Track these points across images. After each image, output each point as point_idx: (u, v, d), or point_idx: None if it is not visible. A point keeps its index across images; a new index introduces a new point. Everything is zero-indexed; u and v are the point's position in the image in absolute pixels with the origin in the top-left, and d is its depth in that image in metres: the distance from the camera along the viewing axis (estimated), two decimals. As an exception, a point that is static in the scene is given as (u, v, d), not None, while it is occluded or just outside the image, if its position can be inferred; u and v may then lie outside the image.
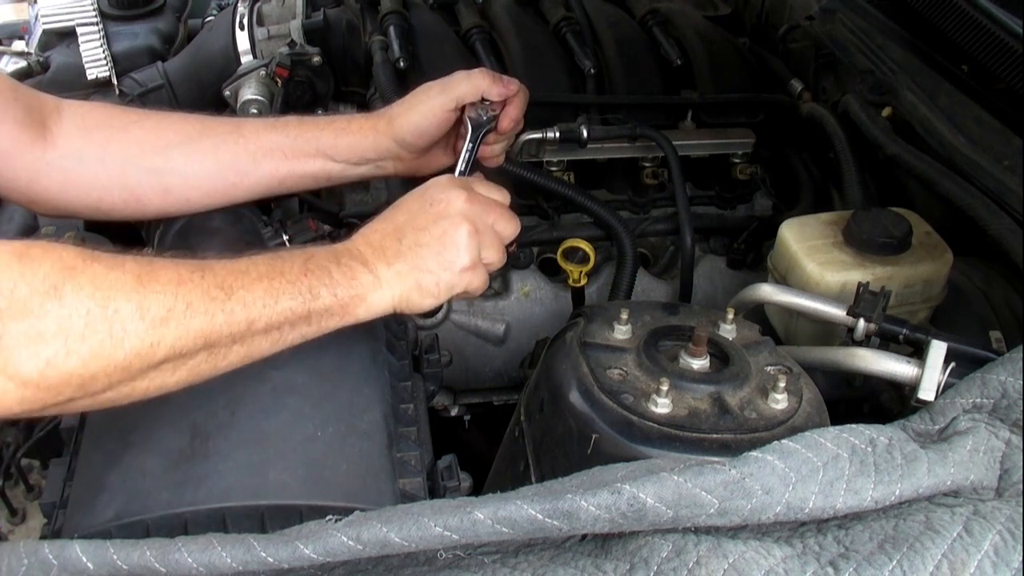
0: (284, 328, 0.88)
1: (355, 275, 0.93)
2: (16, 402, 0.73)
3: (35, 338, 0.71)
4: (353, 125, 1.19)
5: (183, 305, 0.80)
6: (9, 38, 1.96)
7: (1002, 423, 0.79)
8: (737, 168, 1.50)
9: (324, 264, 0.92)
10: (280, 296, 0.86)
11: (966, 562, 0.68)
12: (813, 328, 1.13)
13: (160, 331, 0.78)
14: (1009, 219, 1.11)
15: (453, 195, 0.98)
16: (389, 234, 0.97)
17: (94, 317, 0.74)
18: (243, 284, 0.85)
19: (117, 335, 0.75)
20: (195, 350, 0.81)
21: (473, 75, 1.17)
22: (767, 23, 1.81)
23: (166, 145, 1.14)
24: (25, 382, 0.72)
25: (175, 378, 0.82)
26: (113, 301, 0.75)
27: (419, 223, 0.97)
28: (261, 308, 0.85)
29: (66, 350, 0.73)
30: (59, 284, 0.73)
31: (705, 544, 0.70)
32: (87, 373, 0.74)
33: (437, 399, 1.42)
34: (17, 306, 0.70)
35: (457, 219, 0.97)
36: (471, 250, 0.97)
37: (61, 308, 0.72)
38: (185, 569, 0.70)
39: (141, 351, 0.77)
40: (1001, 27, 1.24)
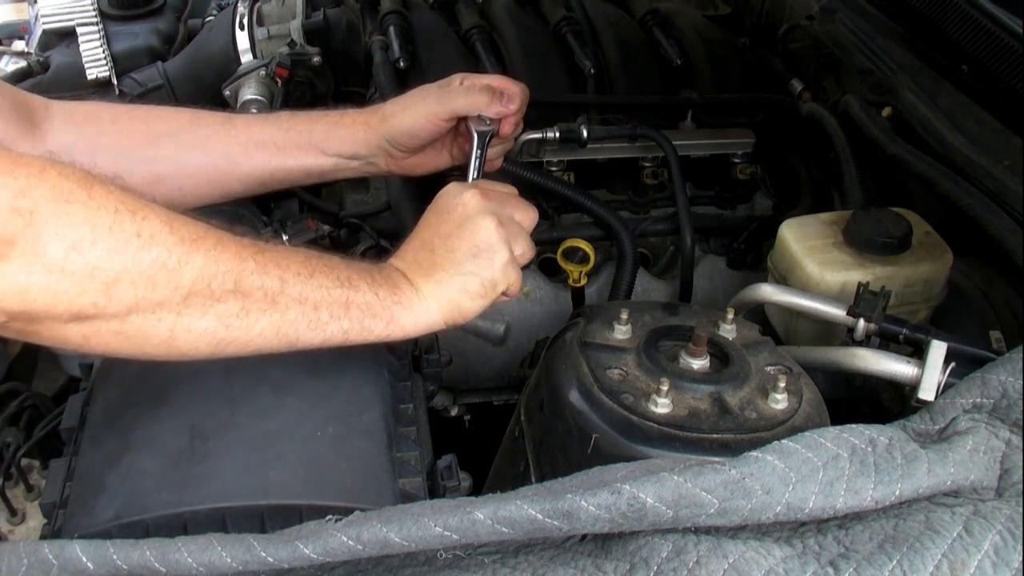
0: (321, 310, 0.86)
1: (396, 283, 0.92)
2: (42, 290, 0.71)
3: (63, 219, 0.70)
4: (346, 119, 1.19)
5: (214, 238, 0.78)
6: (9, 38, 1.96)
7: (1002, 423, 0.79)
8: (737, 168, 1.50)
9: (365, 266, 0.91)
10: (315, 272, 0.85)
11: (966, 562, 0.68)
12: (813, 328, 1.13)
13: (188, 251, 0.76)
14: (1009, 219, 1.11)
15: (467, 196, 0.97)
16: (419, 249, 0.96)
17: (122, 216, 0.73)
18: (277, 250, 0.84)
19: (144, 236, 0.74)
20: (225, 291, 0.79)
21: (472, 90, 1.16)
22: (767, 23, 1.81)
23: (157, 135, 1.13)
24: (51, 267, 0.71)
25: (204, 323, 0.79)
26: (142, 210, 0.75)
27: (444, 231, 0.96)
28: (295, 275, 0.84)
29: (92, 237, 0.72)
30: (88, 181, 0.73)
31: (705, 544, 0.70)
32: (111, 270, 0.73)
33: (437, 399, 1.42)
34: (47, 185, 0.70)
35: (480, 217, 0.96)
36: (503, 243, 0.96)
37: (90, 199, 0.72)
38: (185, 569, 0.70)
39: (168, 264, 0.75)
40: (1001, 27, 1.24)
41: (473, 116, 1.16)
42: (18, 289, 0.71)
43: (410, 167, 1.23)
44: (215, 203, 1.20)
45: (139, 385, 0.96)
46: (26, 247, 0.70)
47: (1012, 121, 1.22)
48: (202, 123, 1.16)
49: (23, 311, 0.72)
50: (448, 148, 1.24)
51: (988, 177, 1.16)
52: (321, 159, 1.19)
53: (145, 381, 0.96)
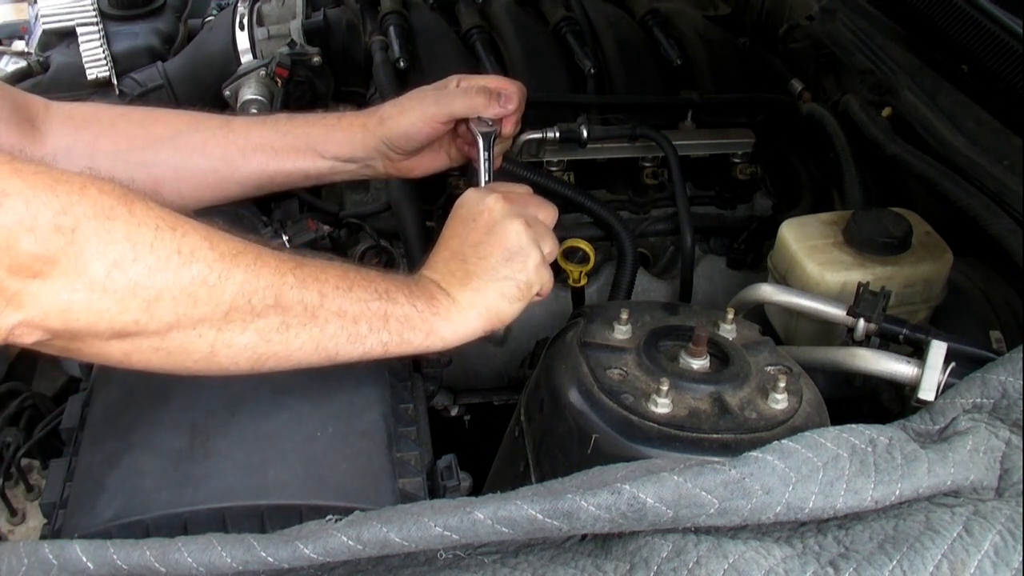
0: (361, 323, 0.86)
1: (433, 294, 0.92)
2: (84, 308, 0.71)
3: (105, 236, 0.70)
4: (343, 122, 1.19)
5: (253, 253, 0.79)
6: (9, 38, 1.96)
7: (1002, 423, 0.79)
8: (737, 168, 1.49)
9: (401, 278, 0.91)
10: (354, 285, 0.85)
11: (966, 562, 0.68)
12: (813, 328, 1.13)
13: (229, 267, 0.77)
14: (1009, 219, 1.11)
15: (490, 202, 0.97)
16: (450, 260, 0.96)
17: (163, 232, 0.73)
18: (315, 263, 0.84)
19: (184, 254, 0.74)
20: (265, 306, 0.79)
21: (469, 92, 1.16)
22: (767, 23, 1.81)
23: (155, 139, 1.14)
24: (93, 284, 0.71)
25: (245, 338, 0.79)
26: (182, 226, 0.75)
27: (473, 239, 0.96)
28: (333, 288, 0.84)
29: (134, 255, 0.72)
30: (128, 198, 0.73)
31: (705, 544, 0.70)
32: (152, 287, 0.73)
33: (437, 399, 1.42)
34: (88, 201, 0.70)
35: (507, 221, 0.96)
36: (533, 244, 0.96)
37: (131, 216, 0.72)
38: (185, 569, 0.70)
39: (208, 280, 0.75)
40: (1001, 27, 1.24)
41: (473, 118, 1.16)
42: (61, 308, 0.71)
43: (407, 169, 1.23)
44: (214, 205, 1.20)
45: (139, 385, 0.96)
46: (68, 265, 0.70)
47: (1012, 121, 1.22)
48: (200, 126, 1.16)
49: (65, 329, 0.72)
50: (446, 149, 1.23)
51: (988, 177, 1.16)
52: (318, 162, 1.19)
53: (145, 381, 0.96)
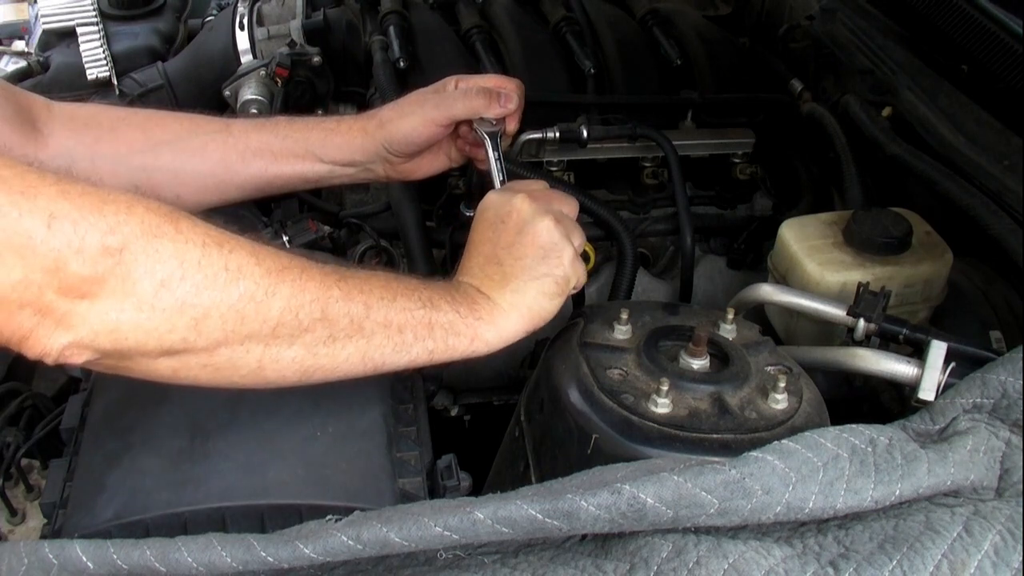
0: (406, 332, 0.86)
1: (475, 299, 0.92)
2: (133, 327, 0.72)
3: (152, 255, 0.71)
4: (342, 126, 1.19)
5: (298, 267, 0.79)
6: (9, 38, 1.96)
7: (1002, 423, 0.79)
8: (737, 168, 1.49)
9: (443, 285, 0.92)
10: (397, 295, 0.86)
11: (966, 562, 0.68)
12: (813, 328, 1.13)
13: (275, 282, 0.77)
14: (1009, 219, 1.11)
15: (517, 202, 0.97)
16: (485, 264, 0.96)
17: (210, 249, 0.74)
18: (357, 274, 0.84)
19: (232, 270, 0.74)
20: (312, 320, 0.79)
21: (469, 94, 1.16)
22: (767, 23, 1.81)
23: (155, 143, 1.14)
24: (142, 302, 0.71)
25: (292, 352, 0.80)
26: (228, 243, 0.75)
27: (506, 240, 0.96)
28: (378, 299, 0.84)
29: (181, 273, 0.72)
30: (174, 216, 0.73)
31: (705, 544, 0.70)
32: (200, 305, 0.73)
33: (437, 399, 1.42)
34: (135, 221, 0.70)
35: (537, 220, 0.96)
36: (565, 239, 0.96)
37: (177, 233, 0.72)
38: (185, 569, 0.70)
39: (255, 296, 0.76)
40: (1001, 27, 1.24)
41: (476, 119, 1.15)
42: (110, 328, 0.71)
43: (407, 172, 1.23)
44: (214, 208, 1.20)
45: (139, 385, 0.95)
46: (116, 285, 0.70)
47: (1012, 121, 1.22)
48: (200, 131, 1.16)
49: (115, 349, 0.73)
50: (446, 151, 1.23)
51: (988, 177, 1.16)
52: (318, 166, 1.19)
53: (145, 381, 0.96)
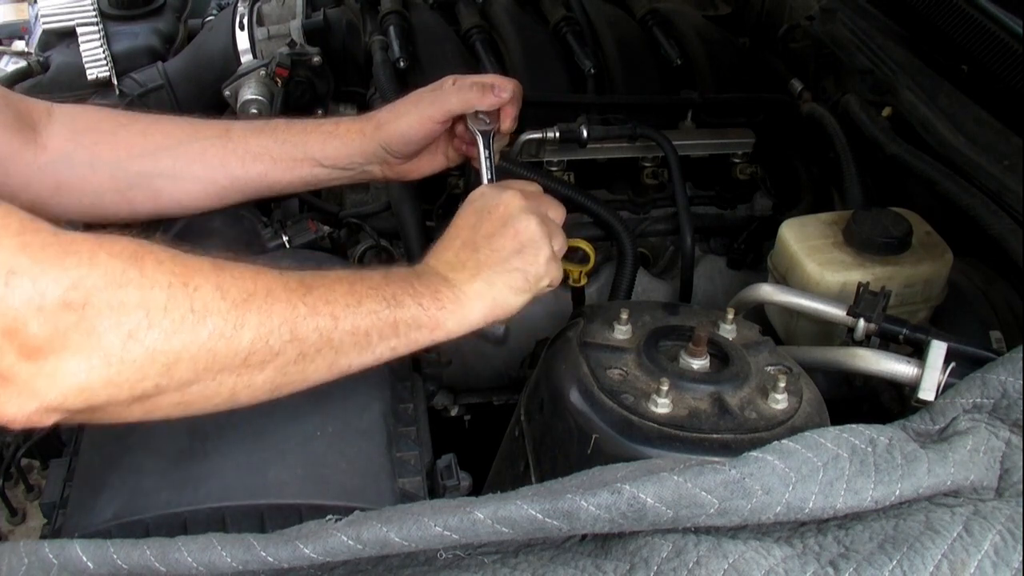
0: (372, 335, 0.86)
1: (438, 289, 0.92)
2: (103, 382, 0.70)
3: (117, 307, 0.69)
4: (341, 129, 1.19)
5: (263, 291, 0.78)
6: (9, 38, 1.96)
7: (1002, 423, 0.79)
8: (737, 168, 1.49)
9: (405, 276, 0.91)
10: (363, 299, 0.85)
11: (966, 562, 0.68)
12: (813, 328, 1.13)
13: (242, 312, 0.76)
14: (1009, 219, 1.11)
15: (507, 197, 0.98)
16: (460, 249, 0.96)
17: (175, 290, 0.72)
18: (322, 283, 0.83)
19: (198, 311, 0.73)
20: (282, 343, 0.79)
21: (463, 88, 1.16)
22: (767, 23, 1.81)
23: (155, 148, 1.14)
24: (110, 357, 0.69)
25: (263, 376, 0.79)
26: (193, 279, 0.73)
27: (487, 230, 0.97)
28: (344, 307, 0.84)
29: (148, 322, 0.70)
30: (139, 256, 0.71)
31: (705, 544, 0.70)
32: (170, 351, 0.72)
33: (437, 399, 1.42)
34: (97, 273, 0.68)
35: (523, 216, 0.97)
36: (546, 239, 0.97)
37: (142, 277, 0.71)
38: (185, 569, 0.70)
39: (225, 332, 0.74)
40: (1001, 27, 1.24)
41: (471, 115, 1.15)
42: (79, 388, 0.70)
43: (406, 172, 1.23)
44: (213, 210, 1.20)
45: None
46: (82, 342, 0.68)
47: (1012, 121, 1.22)
48: (200, 135, 1.16)
49: (86, 406, 0.71)
50: (443, 151, 1.24)
51: (988, 177, 1.16)
52: (317, 169, 1.20)
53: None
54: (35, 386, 0.68)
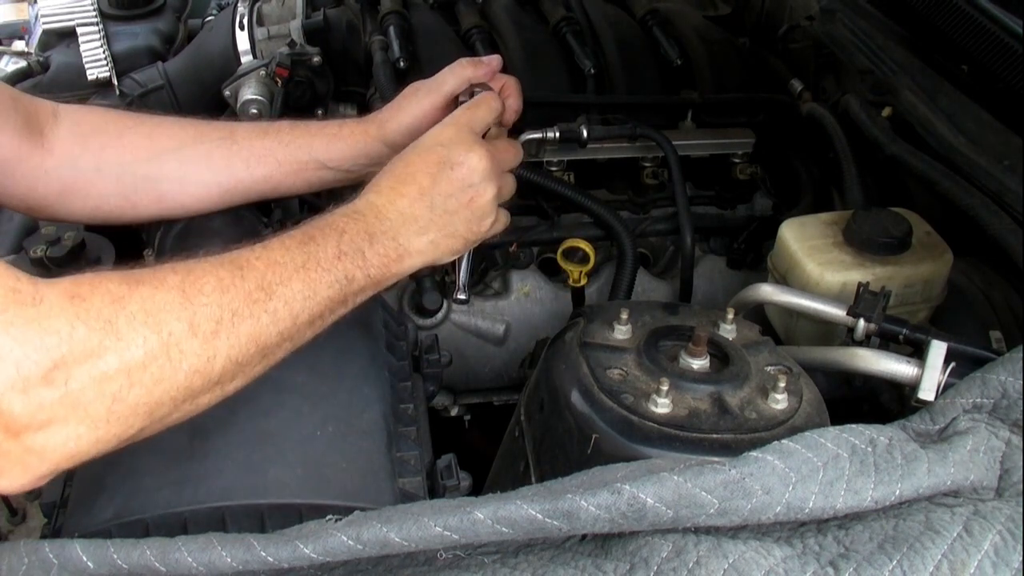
0: (325, 315, 0.89)
1: (387, 253, 0.94)
2: (91, 444, 0.71)
3: (99, 378, 0.70)
4: (344, 131, 1.19)
5: (229, 314, 0.79)
6: (9, 38, 1.96)
7: (1002, 423, 0.79)
8: (737, 168, 1.49)
9: (358, 245, 0.92)
10: (318, 287, 0.87)
11: (966, 562, 0.68)
12: (813, 328, 1.13)
13: (213, 344, 0.77)
14: (1009, 219, 1.11)
15: (474, 159, 1.00)
16: (417, 200, 0.98)
17: (151, 344, 0.73)
18: (281, 279, 0.84)
19: (175, 357, 0.74)
20: (249, 355, 0.81)
21: (455, 68, 1.17)
22: (767, 23, 1.81)
23: (160, 151, 1.14)
24: (96, 422, 0.71)
25: (233, 385, 0.82)
26: (166, 324, 0.74)
27: (445, 188, 0.99)
28: (302, 303, 0.85)
29: (130, 382, 0.72)
30: (112, 318, 0.72)
31: (705, 544, 0.70)
32: (152, 400, 0.74)
33: (437, 399, 1.42)
34: (78, 348, 0.69)
35: (483, 185, 1.00)
36: (495, 207, 1.02)
37: (119, 341, 0.71)
38: (185, 568, 0.70)
39: (200, 368, 0.76)
40: (1001, 27, 1.24)
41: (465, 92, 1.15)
42: (69, 456, 0.71)
43: None
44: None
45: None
46: (67, 414, 0.69)
47: (1012, 121, 1.22)
48: (204, 137, 1.16)
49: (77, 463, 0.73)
50: None
51: (988, 177, 1.16)
52: (321, 172, 1.20)
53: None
54: (26, 462, 0.69)
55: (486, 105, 1.10)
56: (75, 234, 1.26)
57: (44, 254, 1.23)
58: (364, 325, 1.09)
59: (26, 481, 0.71)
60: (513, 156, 1.11)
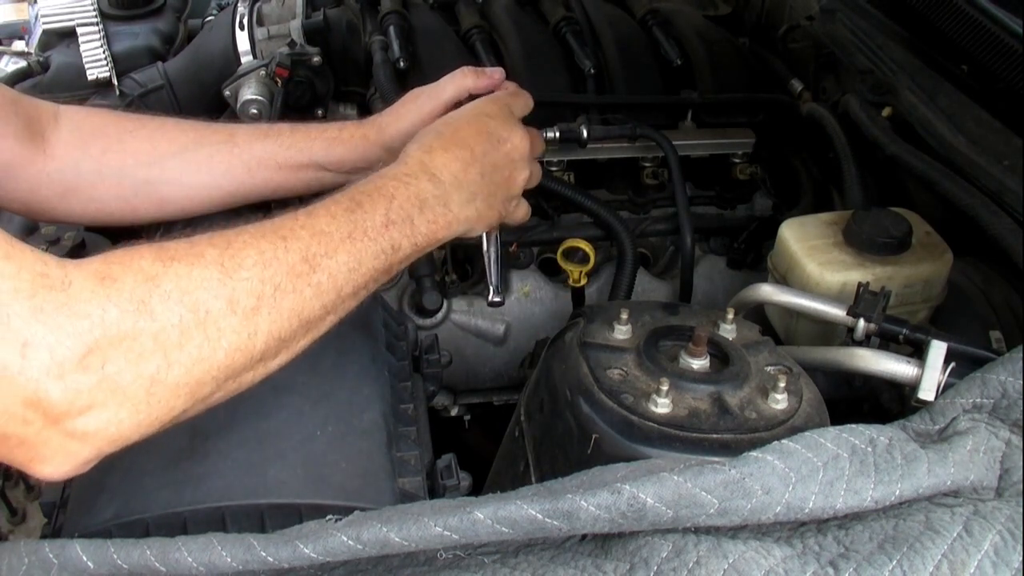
0: (369, 285, 0.88)
1: (436, 219, 0.94)
2: (134, 427, 0.71)
3: (135, 359, 0.69)
4: (344, 134, 1.19)
5: (271, 289, 0.77)
6: (9, 38, 1.96)
7: (1002, 423, 0.79)
8: (737, 168, 1.49)
9: (407, 212, 0.91)
10: (363, 257, 0.86)
11: (966, 562, 0.68)
12: (813, 328, 1.13)
13: (254, 320, 0.76)
14: (1009, 219, 1.11)
15: (518, 138, 1.03)
16: (470, 165, 0.98)
17: (187, 323, 0.72)
18: (326, 251, 0.83)
19: (213, 336, 0.73)
20: (292, 331, 0.80)
21: (456, 77, 1.18)
22: (767, 23, 1.81)
23: (161, 156, 1.14)
24: (136, 404, 0.70)
25: (277, 362, 0.81)
26: (202, 303, 0.73)
27: (493, 160, 1.01)
28: (347, 275, 0.84)
29: (167, 362, 0.70)
30: (146, 298, 0.70)
31: (705, 544, 0.70)
32: (193, 380, 0.73)
33: (437, 399, 1.42)
34: (111, 331, 0.68)
35: (522, 165, 1.04)
36: (521, 190, 1.07)
37: (153, 322, 0.70)
38: (185, 568, 0.70)
39: (240, 345, 0.75)
40: (1001, 27, 1.24)
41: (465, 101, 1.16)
42: (111, 440, 0.70)
43: None
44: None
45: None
46: (106, 398, 0.68)
47: (1012, 121, 1.22)
48: (205, 141, 1.16)
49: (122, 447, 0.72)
50: None
51: (988, 177, 1.16)
52: (321, 174, 1.20)
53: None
54: (68, 449, 0.69)
55: (524, 98, 1.13)
56: (75, 234, 1.26)
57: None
58: (364, 325, 1.09)
59: (69, 468, 0.70)
60: (541, 146, 1.14)
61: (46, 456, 0.69)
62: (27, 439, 0.67)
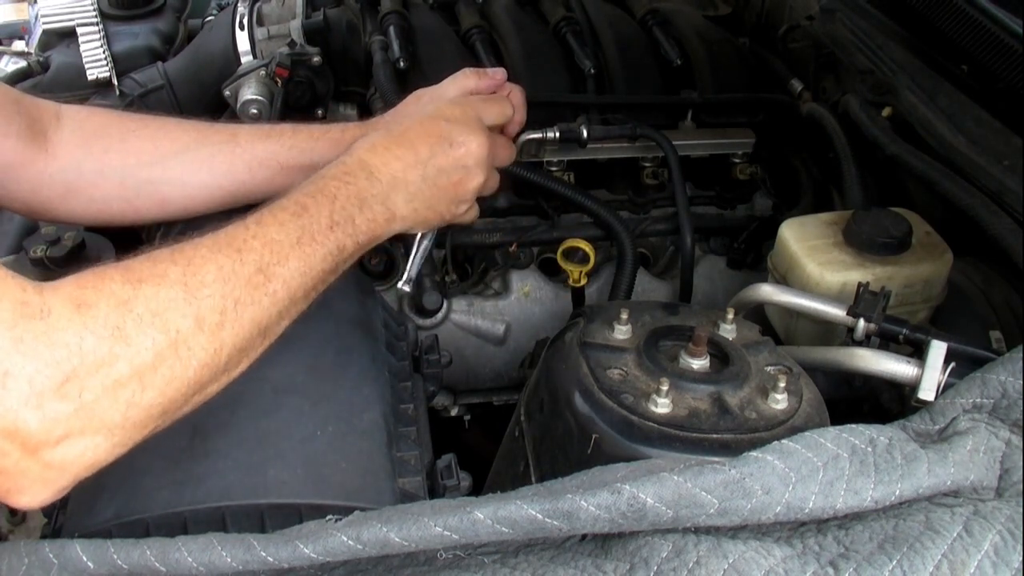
0: (318, 287, 0.90)
1: (375, 217, 0.96)
2: (108, 451, 0.72)
3: (111, 386, 0.70)
4: (346, 136, 1.19)
5: (232, 303, 0.79)
6: (9, 38, 1.96)
7: (1002, 423, 0.79)
8: (737, 168, 1.49)
9: (348, 212, 0.93)
10: (312, 261, 0.88)
11: (966, 562, 0.68)
12: (813, 328, 1.13)
13: (219, 335, 0.78)
14: (1009, 219, 1.11)
15: (475, 144, 1.03)
16: (412, 167, 1.00)
17: (160, 345, 0.73)
18: (278, 259, 0.85)
19: (184, 355, 0.75)
20: (252, 340, 0.82)
21: (458, 78, 1.18)
22: (767, 23, 1.81)
23: (163, 155, 1.14)
24: (112, 429, 0.71)
25: (238, 370, 0.83)
26: (172, 323, 0.74)
27: (439, 163, 1.02)
28: (299, 280, 0.86)
29: (142, 386, 0.72)
30: (120, 323, 0.71)
31: (705, 544, 0.70)
32: (166, 400, 0.74)
33: (437, 399, 1.42)
34: (88, 359, 0.69)
35: (475, 171, 1.04)
36: (474, 196, 1.07)
37: (128, 347, 0.71)
38: (185, 568, 0.70)
39: (208, 361, 0.77)
40: (1001, 27, 1.24)
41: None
42: (87, 465, 0.71)
43: None
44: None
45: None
46: (83, 426, 0.69)
47: (1012, 121, 1.22)
48: (207, 141, 1.16)
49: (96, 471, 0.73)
50: None
51: (988, 177, 1.16)
52: None
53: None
54: (46, 478, 0.69)
55: (500, 105, 1.13)
56: (75, 234, 1.26)
57: (44, 254, 1.23)
58: (364, 325, 1.09)
59: (47, 496, 0.71)
60: (507, 155, 1.14)
61: (23, 487, 0.69)
62: (5, 470, 0.67)
